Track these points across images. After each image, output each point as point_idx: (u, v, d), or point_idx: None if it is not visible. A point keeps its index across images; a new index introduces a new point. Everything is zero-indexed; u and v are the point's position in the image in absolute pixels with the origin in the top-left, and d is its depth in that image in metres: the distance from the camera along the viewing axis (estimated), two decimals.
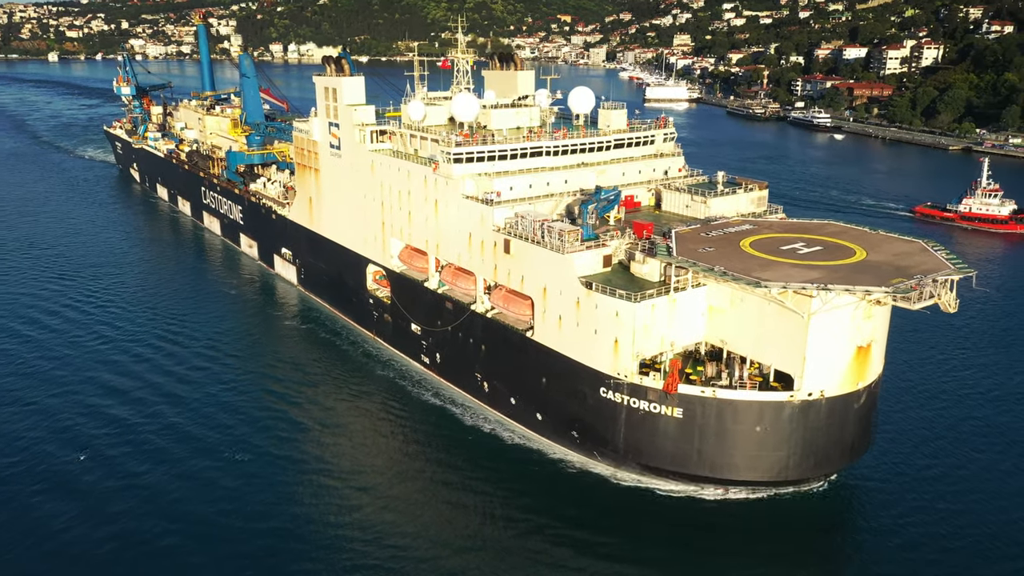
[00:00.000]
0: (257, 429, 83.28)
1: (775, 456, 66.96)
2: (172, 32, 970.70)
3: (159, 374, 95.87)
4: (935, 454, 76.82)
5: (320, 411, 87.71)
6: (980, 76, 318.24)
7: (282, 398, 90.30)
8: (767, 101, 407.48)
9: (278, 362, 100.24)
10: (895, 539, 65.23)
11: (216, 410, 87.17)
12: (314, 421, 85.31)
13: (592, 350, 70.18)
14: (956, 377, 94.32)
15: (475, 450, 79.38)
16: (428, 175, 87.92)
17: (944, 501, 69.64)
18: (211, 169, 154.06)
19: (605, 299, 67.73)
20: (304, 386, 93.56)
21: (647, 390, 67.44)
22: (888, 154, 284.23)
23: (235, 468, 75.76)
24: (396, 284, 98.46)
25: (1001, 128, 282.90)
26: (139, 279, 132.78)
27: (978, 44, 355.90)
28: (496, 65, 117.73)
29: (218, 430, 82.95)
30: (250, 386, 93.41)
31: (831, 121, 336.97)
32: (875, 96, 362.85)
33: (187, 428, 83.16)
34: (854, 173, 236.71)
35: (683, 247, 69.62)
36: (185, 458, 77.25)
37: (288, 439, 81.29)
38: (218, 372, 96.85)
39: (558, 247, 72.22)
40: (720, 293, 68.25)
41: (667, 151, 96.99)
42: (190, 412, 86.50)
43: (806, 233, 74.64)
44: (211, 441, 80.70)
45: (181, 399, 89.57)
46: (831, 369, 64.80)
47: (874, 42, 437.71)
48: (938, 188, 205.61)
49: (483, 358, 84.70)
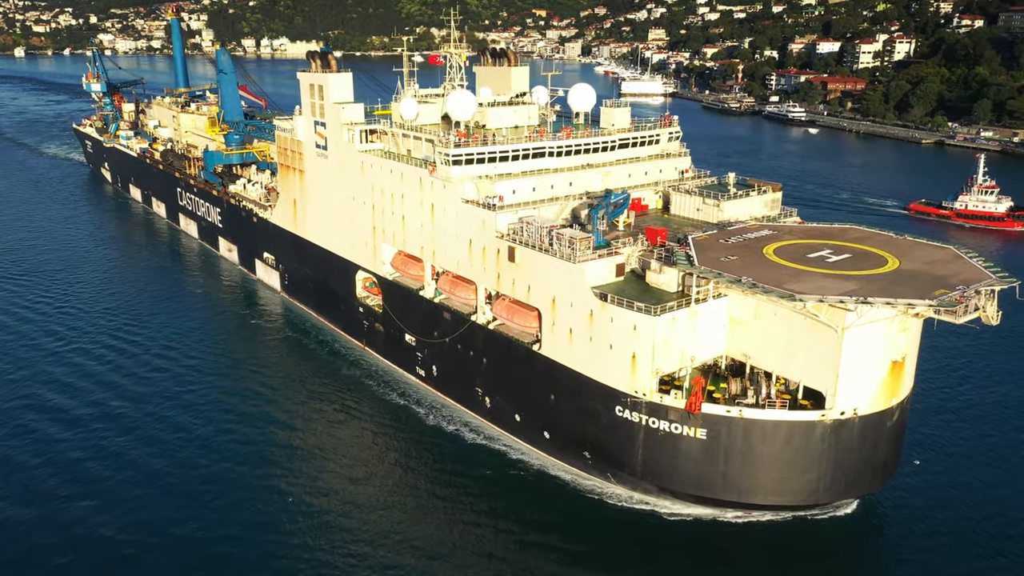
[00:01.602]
0: (239, 446, 78.25)
1: (805, 479, 62.77)
2: (142, 27, 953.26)
3: (132, 385, 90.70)
4: (967, 473, 72.85)
5: (307, 426, 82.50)
6: (951, 70, 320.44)
7: (265, 412, 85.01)
8: (742, 95, 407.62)
9: (261, 373, 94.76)
10: (926, 565, 61.36)
11: (193, 423, 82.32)
12: (300, 437, 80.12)
13: (607, 366, 65.53)
14: (986, 389, 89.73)
15: (478, 470, 74.48)
16: (424, 177, 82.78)
17: (977, 524, 65.81)
18: (187, 169, 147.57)
19: (622, 312, 63.09)
20: (289, 399, 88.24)
21: (668, 409, 62.94)
22: (863, 148, 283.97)
23: (211, 488, 71.08)
24: (388, 292, 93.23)
25: (973, 121, 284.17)
26: (110, 284, 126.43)
27: (949, 38, 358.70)
28: (488, 61, 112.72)
29: (195, 444, 78.40)
30: (231, 399, 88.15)
31: (806, 115, 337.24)
32: (849, 90, 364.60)
33: (162, 442, 78.79)
34: (831, 167, 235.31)
35: (703, 255, 65.12)
36: (161, 474, 73.09)
37: (271, 457, 76.11)
38: (197, 384, 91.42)
39: (568, 255, 67.43)
40: (743, 304, 63.88)
41: (673, 151, 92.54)
42: (164, 426, 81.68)
43: (830, 239, 70.44)
44: (186, 456, 76.17)
45: (156, 413, 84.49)
46: (865, 385, 60.66)
47: (847, 36, 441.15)
48: (921, 183, 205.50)
49: (485, 372, 79.79)
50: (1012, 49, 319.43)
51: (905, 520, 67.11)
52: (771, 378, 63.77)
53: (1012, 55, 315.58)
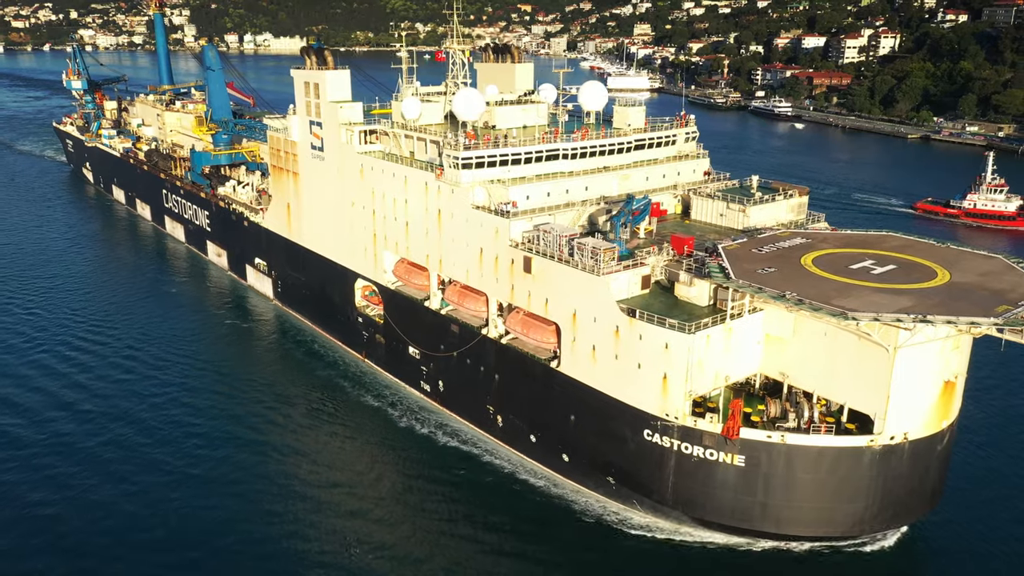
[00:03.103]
0: (229, 466, 73.44)
1: (850, 508, 58.32)
2: (123, 22, 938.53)
3: (116, 397, 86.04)
4: (1016, 497, 68.37)
5: (303, 444, 77.69)
6: (936, 65, 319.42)
7: (257, 429, 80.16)
8: (728, 90, 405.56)
9: (254, 385, 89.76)
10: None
11: (181, 437, 77.99)
12: (297, 456, 75.32)
13: (634, 387, 60.76)
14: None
15: (490, 493, 69.78)
16: (430, 181, 77.65)
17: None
18: (173, 170, 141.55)
19: (652, 329, 58.30)
20: (284, 414, 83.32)
21: (702, 434, 58.25)
22: (850, 143, 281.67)
23: (200, 513, 66.23)
24: (390, 302, 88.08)
25: (958, 116, 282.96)
26: (93, 290, 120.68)
27: (933, 33, 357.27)
28: (490, 57, 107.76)
29: (184, 459, 74.11)
30: (221, 413, 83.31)
31: (792, 110, 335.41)
32: (834, 85, 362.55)
33: (149, 456, 74.68)
34: (819, 163, 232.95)
35: (738, 267, 60.39)
36: (147, 489, 69.16)
37: (265, 478, 71.18)
38: (184, 396, 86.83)
39: (592, 267, 62.55)
40: (780, 320, 59.32)
41: (690, 152, 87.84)
42: (152, 440, 77.47)
43: (869, 248, 65.89)
44: (172, 473, 71.86)
45: (143, 423, 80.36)
46: (916, 408, 56.27)
47: (832, 31, 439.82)
48: (911, 178, 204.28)
49: (496, 389, 74.87)
50: (996, 44, 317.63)
51: (951, 549, 62.79)
52: (812, 399, 59.25)
53: (996, 50, 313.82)
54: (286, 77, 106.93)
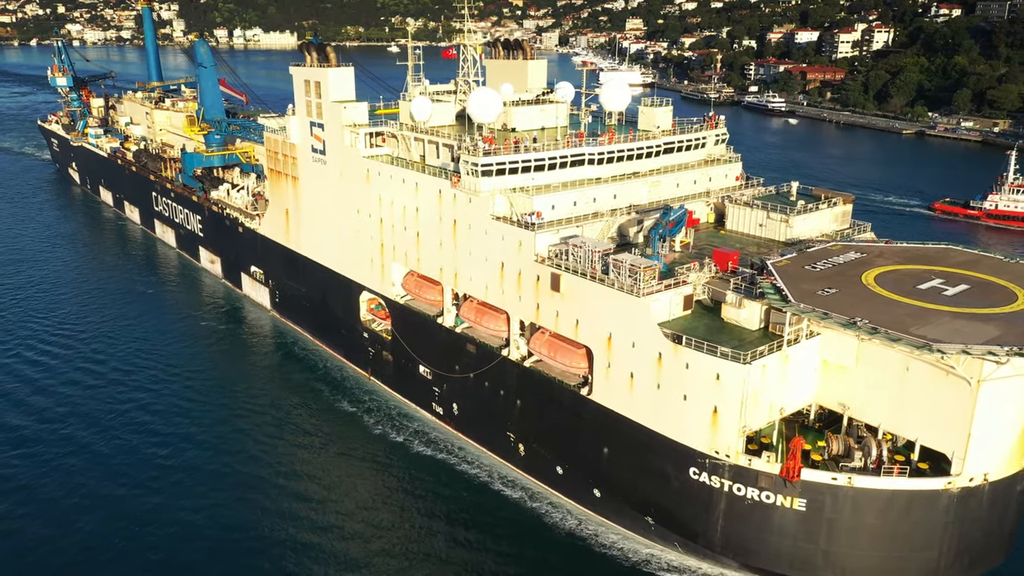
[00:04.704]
0: (221, 491, 68.01)
1: (922, 557, 52.48)
2: (111, 16, 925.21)
3: (98, 415, 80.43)
4: None
5: (304, 468, 72.40)
6: (930, 60, 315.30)
7: (253, 451, 74.55)
8: (721, 85, 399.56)
9: (249, 402, 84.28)
10: None
11: (169, 457, 72.68)
12: (297, 481, 69.82)
13: (679, 421, 54.76)
14: None
15: (513, 529, 64.07)
16: (444, 189, 71.39)
17: None
18: (163, 171, 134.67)
19: (701, 357, 52.28)
20: (282, 434, 77.97)
21: (758, 475, 52.30)
22: (845, 139, 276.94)
23: (189, 544, 61.25)
24: (399, 317, 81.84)
25: (953, 112, 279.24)
26: (75, 297, 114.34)
27: (927, 27, 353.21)
28: (500, 53, 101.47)
29: (171, 485, 68.90)
30: (213, 431, 78.10)
31: (785, 105, 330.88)
32: (828, 80, 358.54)
33: (136, 481, 69.34)
34: (812, 158, 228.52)
35: (794, 287, 54.44)
36: (136, 516, 63.82)
37: (261, 506, 65.61)
38: (173, 411, 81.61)
39: (630, 287, 56.50)
40: (841, 345, 53.36)
41: (721, 156, 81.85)
42: (133, 459, 72.48)
43: (932, 264, 60.04)
44: (162, 497, 66.77)
45: (127, 443, 75.06)
46: (997, 446, 50.37)
47: (825, 26, 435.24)
48: (920, 176, 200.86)
49: (519, 415, 68.80)
50: (990, 38, 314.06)
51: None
52: (877, 434, 53.34)
53: (990, 44, 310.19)
54: (277, 72, 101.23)
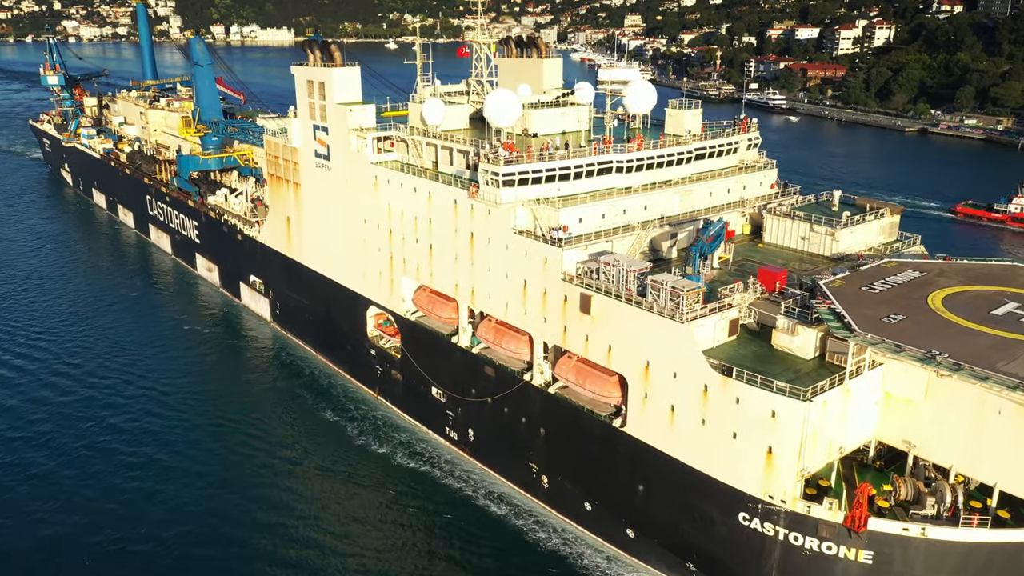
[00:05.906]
0: (217, 518, 63.45)
1: None
2: (107, 13, 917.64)
3: (91, 429, 76.15)
4: None
5: (306, 492, 67.91)
6: (933, 56, 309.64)
7: (250, 474, 70.09)
8: (721, 82, 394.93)
9: (247, 422, 79.34)
10: None
11: (162, 480, 68.30)
12: (299, 510, 64.79)
13: (727, 460, 49.45)
14: None
15: (537, 571, 58.40)
16: (460, 199, 65.96)
17: None
18: (158, 174, 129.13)
19: (754, 392, 46.95)
20: (282, 458, 73.06)
21: (817, 523, 46.98)
22: (847, 137, 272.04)
23: None
24: (409, 335, 76.44)
25: (955, 109, 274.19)
26: (68, 304, 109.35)
27: (929, 24, 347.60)
28: (513, 52, 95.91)
29: (163, 508, 64.66)
30: (208, 452, 73.50)
31: (786, 103, 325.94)
32: (829, 77, 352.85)
33: (125, 508, 64.74)
34: (814, 157, 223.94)
35: (855, 312, 49.11)
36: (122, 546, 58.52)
37: (261, 534, 60.62)
38: (166, 430, 77.19)
39: (671, 311, 51.13)
40: (908, 377, 48.00)
41: (754, 162, 76.47)
42: (129, 488, 67.44)
43: (1002, 284, 54.75)
44: (154, 522, 62.61)
45: (119, 464, 70.75)
46: None
47: (825, 22, 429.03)
48: (931, 175, 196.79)
49: (542, 445, 63.47)
50: (993, 35, 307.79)
51: None
52: (948, 476, 48.07)
53: (993, 41, 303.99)
54: (274, 69, 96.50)
